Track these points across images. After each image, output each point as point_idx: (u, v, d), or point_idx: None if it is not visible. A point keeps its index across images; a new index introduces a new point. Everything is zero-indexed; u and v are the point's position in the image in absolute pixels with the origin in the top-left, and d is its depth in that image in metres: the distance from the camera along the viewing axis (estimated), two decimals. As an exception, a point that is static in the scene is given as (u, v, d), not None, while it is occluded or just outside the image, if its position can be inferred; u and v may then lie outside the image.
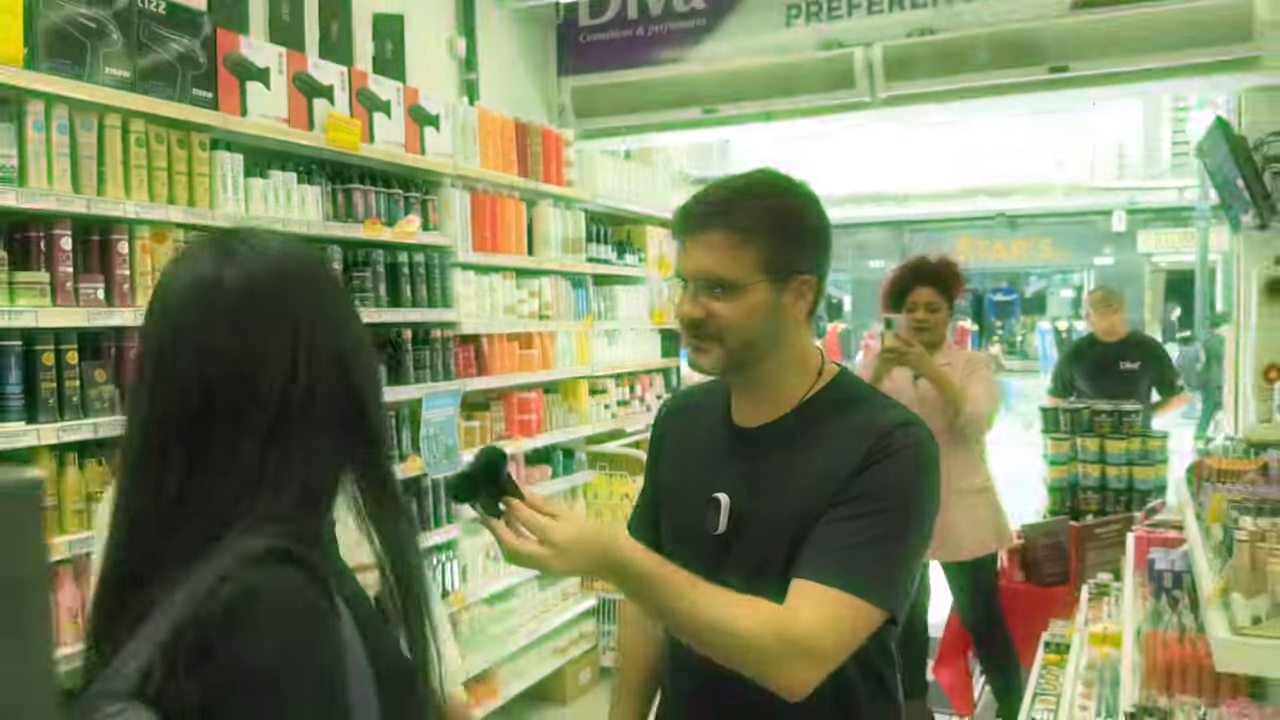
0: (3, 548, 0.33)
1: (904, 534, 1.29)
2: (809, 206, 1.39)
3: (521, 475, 4.05)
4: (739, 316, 1.33)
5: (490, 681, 3.89)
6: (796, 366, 1.41)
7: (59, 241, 2.38)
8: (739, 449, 1.42)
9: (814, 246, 1.38)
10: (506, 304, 3.94)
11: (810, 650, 1.21)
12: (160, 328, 0.97)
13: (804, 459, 1.35)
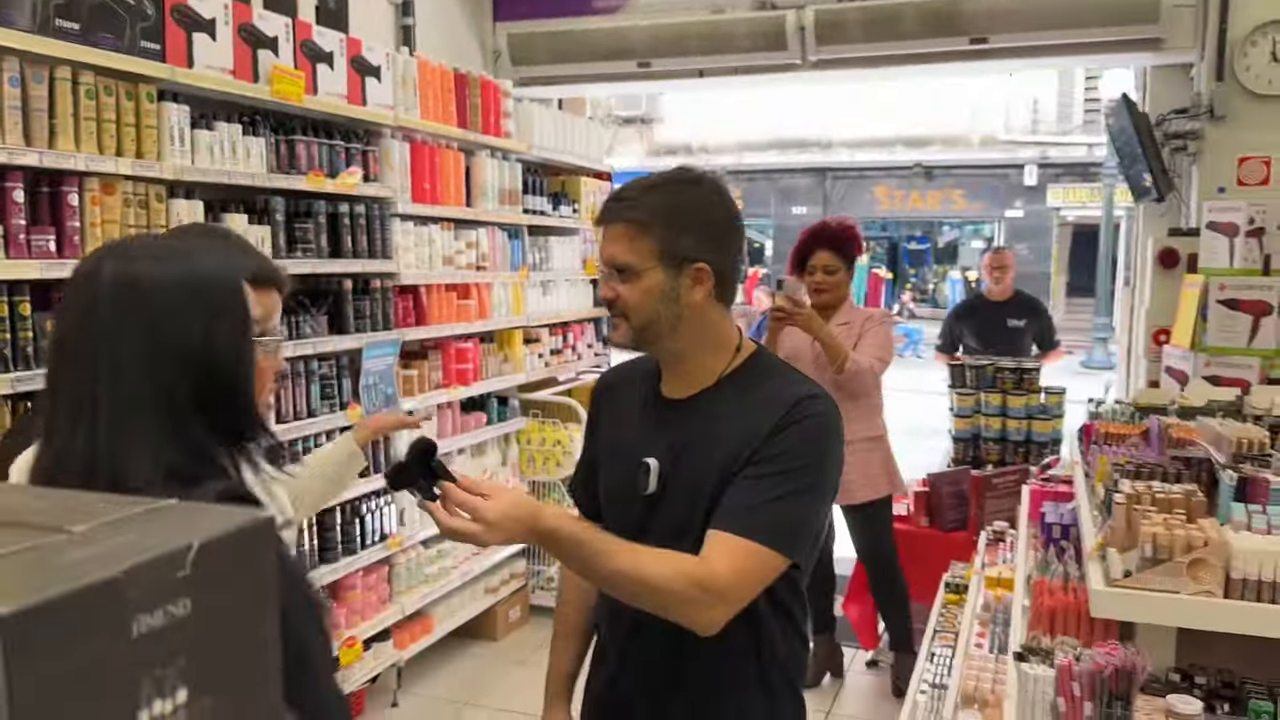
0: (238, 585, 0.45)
1: (806, 491, 1.46)
2: (709, 201, 1.54)
3: (457, 422, 4.18)
4: (638, 298, 1.50)
5: (426, 619, 4.05)
6: (712, 345, 1.56)
7: (11, 194, 2.40)
8: (667, 418, 1.58)
9: (711, 237, 1.51)
10: (445, 255, 4.01)
11: (719, 593, 1.38)
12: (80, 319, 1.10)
13: (723, 426, 1.51)
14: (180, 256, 1.13)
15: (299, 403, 3.30)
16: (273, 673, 0.47)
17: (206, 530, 0.44)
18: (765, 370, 1.58)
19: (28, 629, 0.35)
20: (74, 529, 0.43)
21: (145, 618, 0.40)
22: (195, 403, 1.08)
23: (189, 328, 1.08)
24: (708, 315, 1.54)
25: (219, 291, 1.13)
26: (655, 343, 1.55)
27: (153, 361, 1.07)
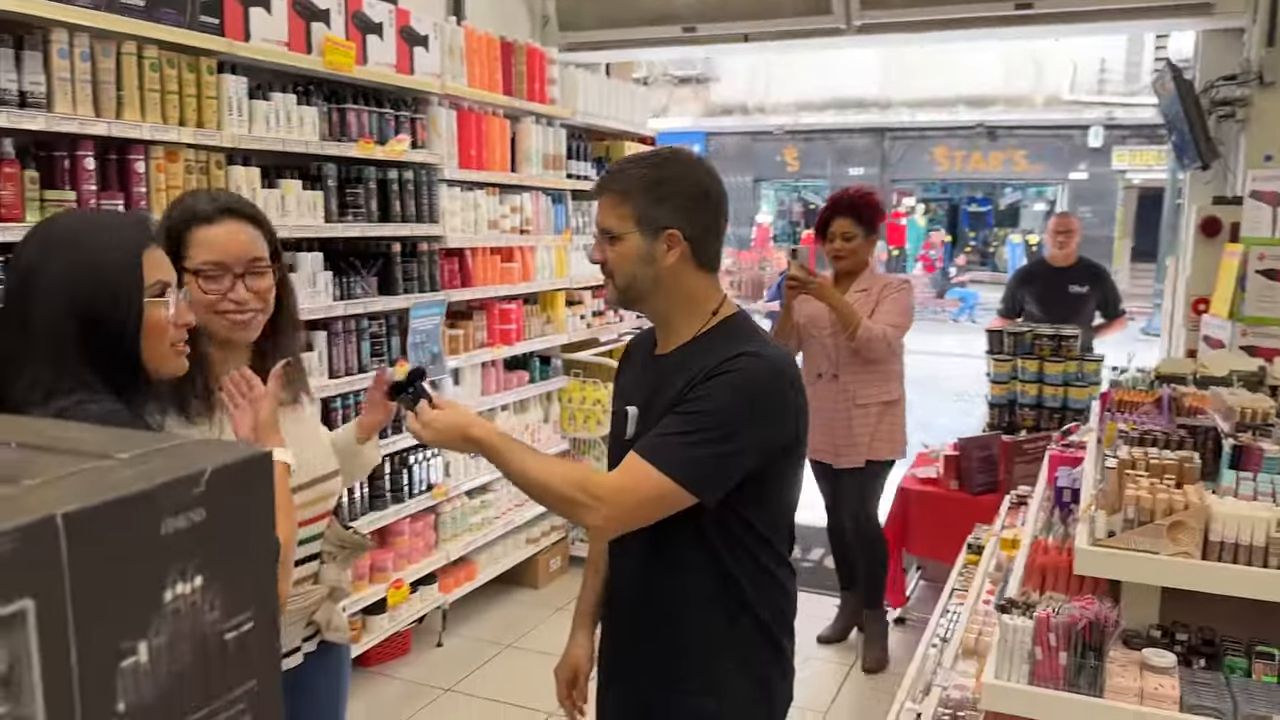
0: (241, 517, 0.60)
1: (713, 432, 1.60)
2: (686, 175, 1.71)
3: (500, 380, 4.35)
4: (619, 260, 1.71)
5: (470, 565, 4.26)
6: (687, 307, 1.74)
7: (82, 162, 2.58)
8: (650, 372, 1.79)
9: (684, 208, 1.69)
10: (490, 219, 4.16)
11: (599, 498, 1.60)
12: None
13: (679, 377, 1.69)
14: (69, 239, 1.43)
15: (350, 359, 3.48)
16: (265, 565, 0.61)
17: (218, 460, 0.58)
18: (732, 332, 1.74)
19: (84, 524, 0.49)
20: (120, 455, 0.58)
21: (171, 521, 0.54)
22: (83, 355, 1.37)
23: (73, 296, 1.37)
24: (683, 279, 1.72)
25: (101, 268, 1.39)
26: (639, 302, 1.75)
27: (47, 322, 1.37)
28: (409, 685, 3.82)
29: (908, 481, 4.51)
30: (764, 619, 1.76)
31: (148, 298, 1.41)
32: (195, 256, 1.69)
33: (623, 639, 1.85)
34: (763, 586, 1.75)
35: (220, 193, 2.00)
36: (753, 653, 1.77)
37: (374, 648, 3.78)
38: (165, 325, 1.44)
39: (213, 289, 1.69)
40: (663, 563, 1.72)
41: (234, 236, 1.72)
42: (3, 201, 2.39)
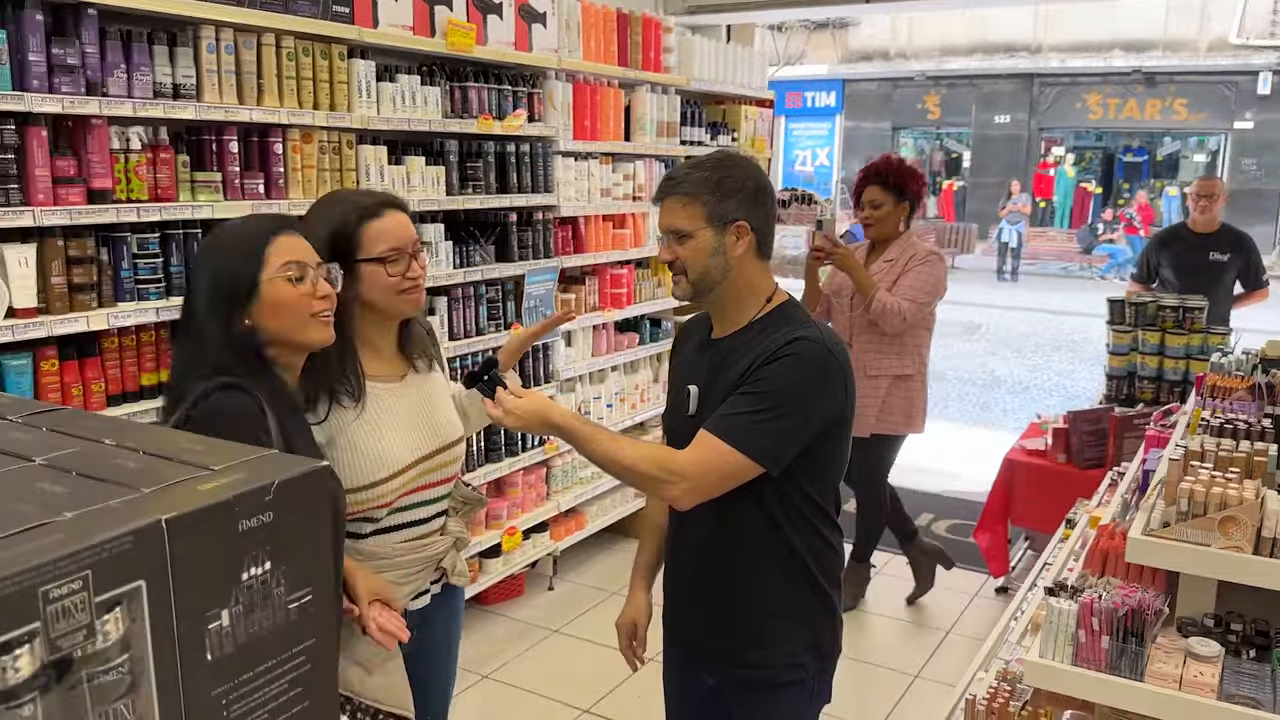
0: (302, 528, 0.78)
1: (774, 410, 1.78)
2: (739, 173, 1.88)
3: (611, 341, 4.55)
4: (693, 255, 1.86)
5: (580, 516, 4.51)
6: (747, 295, 1.91)
7: (228, 145, 2.87)
8: (709, 354, 1.95)
9: (745, 201, 1.85)
10: (602, 187, 4.33)
11: (678, 473, 1.78)
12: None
13: (740, 359, 1.86)
14: (214, 236, 1.77)
15: (469, 323, 3.73)
16: (323, 554, 0.80)
17: (285, 473, 0.76)
18: (785, 318, 1.91)
19: (182, 525, 0.68)
20: (215, 467, 0.77)
21: (246, 521, 0.73)
22: (222, 337, 1.65)
23: (210, 277, 1.68)
24: (746, 268, 1.89)
25: (225, 254, 1.69)
26: (709, 292, 1.90)
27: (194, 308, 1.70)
28: (521, 625, 4.12)
29: (1015, 453, 4.51)
30: (815, 576, 1.94)
31: (272, 275, 1.67)
32: (375, 246, 1.94)
33: (684, 599, 2.04)
34: (815, 546, 1.91)
35: (369, 190, 2.30)
36: (806, 608, 1.95)
37: (490, 588, 4.08)
38: (297, 298, 1.69)
39: (396, 270, 1.96)
40: (724, 527, 1.90)
41: (401, 224, 2.00)
42: (160, 184, 2.69)
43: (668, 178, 1.91)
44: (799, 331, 1.84)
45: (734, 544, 1.91)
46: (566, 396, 4.28)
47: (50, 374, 2.52)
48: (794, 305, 1.96)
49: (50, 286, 2.49)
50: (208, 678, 0.71)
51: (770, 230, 1.92)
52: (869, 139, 21.96)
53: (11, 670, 0.58)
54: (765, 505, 1.87)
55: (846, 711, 3.29)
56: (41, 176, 2.43)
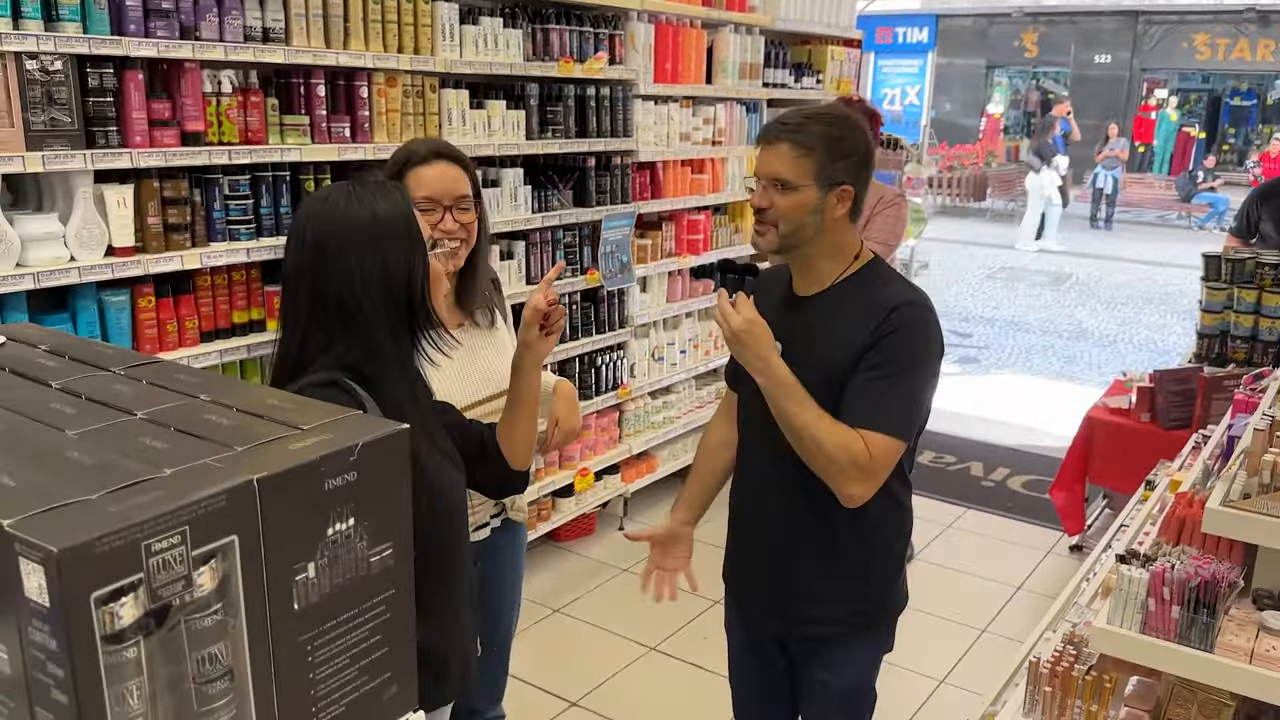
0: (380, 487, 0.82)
1: (915, 387, 1.81)
2: (856, 136, 1.84)
3: (686, 288, 4.55)
4: (791, 209, 1.81)
5: (651, 459, 4.57)
6: (836, 254, 1.89)
7: (315, 89, 2.92)
8: (791, 311, 1.92)
9: (855, 166, 1.82)
10: (681, 132, 4.30)
11: (869, 472, 1.78)
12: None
13: (829, 322, 1.85)
14: (361, 203, 1.49)
15: (545, 267, 3.77)
16: (403, 510, 0.84)
17: (369, 435, 0.80)
18: (874, 277, 1.90)
19: (272, 484, 0.72)
20: (304, 427, 0.81)
21: (332, 480, 0.77)
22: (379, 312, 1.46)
23: (373, 257, 1.46)
24: (839, 230, 1.87)
25: (390, 226, 1.48)
26: (796, 249, 1.87)
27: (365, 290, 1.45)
28: (592, 562, 4.21)
29: (1097, 410, 4.41)
30: (884, 531, 1.96)
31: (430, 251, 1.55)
32: (415, 193, 1.88)
33: (748, 551, 2.07)
34: (884, 502, 1.91)
35: (432, 139, 2.25)
36: (873, 563, 1.97)
37: (563, 526, 4.18)
38: (439, 270, 1.58)
39: (427, 220, 1.92)
40: (791, 482, 1.89)
41: (444, 175, 1.99)
42: (250, 127, 2.76)
43: (781, 121, 1.84)
44: (898, 294, 1.84)
45: (801, 500, 1.92)
46: (640, 342, 4.31)
47: (147, 310, 2.63)
48: (880, 263, 1.94)
49: (146, 226, 2.59)
50: (295, 625, 0.76)
51: (865, 193, 1.88)
52: (962, 77, 21.26)
53: (118, 616, 0.63)
54: None
55: (910, 662, 3.31)
56: (138, 119, 2.52)
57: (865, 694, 2.12)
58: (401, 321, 1.50)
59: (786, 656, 2.11)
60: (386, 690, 0.84)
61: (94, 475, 0.70)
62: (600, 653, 3.56)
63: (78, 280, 2.44)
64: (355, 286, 1.45)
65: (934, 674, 3.50)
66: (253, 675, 0.73)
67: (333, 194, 1.52)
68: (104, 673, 0.63)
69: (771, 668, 2.15)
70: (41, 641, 0.62)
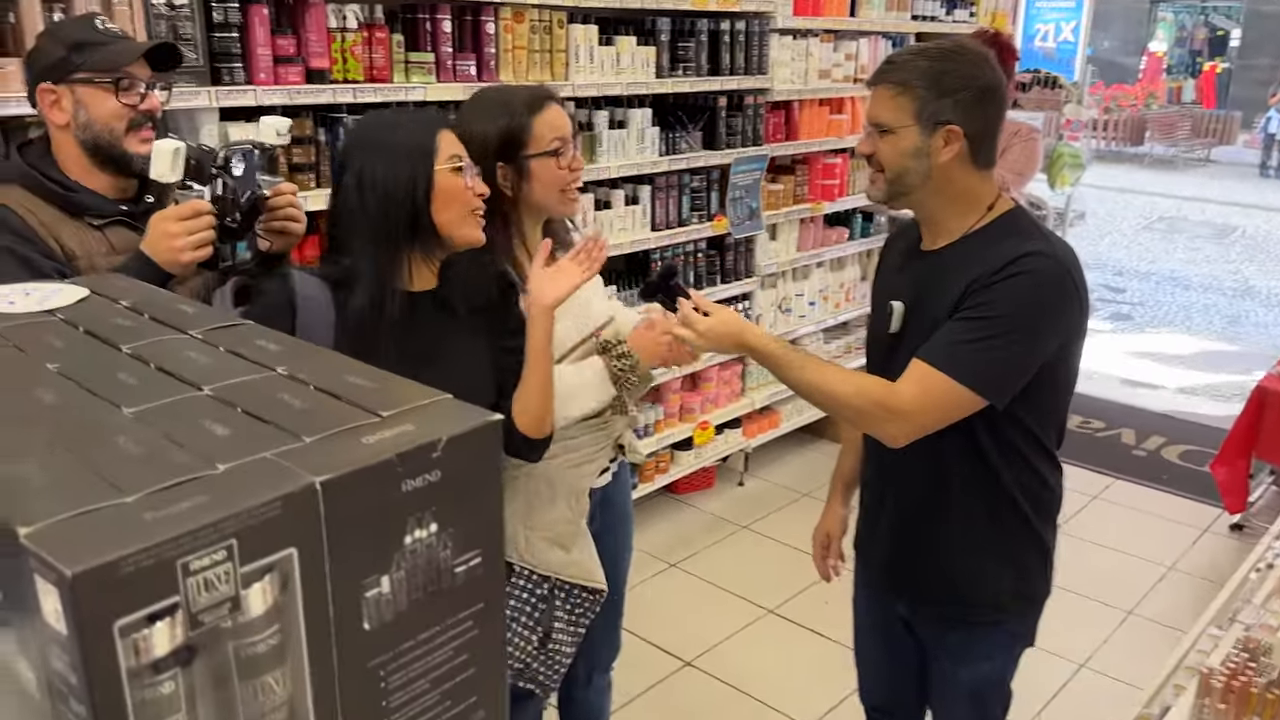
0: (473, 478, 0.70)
1: (1002, 337, 1.58)
2: (966, 70, 1.63)
3: (818, 236, 4.33)
4: (891, 154, 1.65)
5: (774, 414, 4.41)
6: (961, 204, 1.68)
7: (441, 25, 2.82)
8: (916, 267, 1.75)
9: (964, 104, 1.61)
10: (821, 68, 4.05)
11: (899, 411, 1.61)
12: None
13: (955, 276, 1.64)
14: (371, 124, 1.68)
15: (671, 213, 3.62)
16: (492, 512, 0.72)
17: (454, 429, 0.68)
18: (1008, 229, 1.67)
19: (339, 488, 0.61)
20: (383, 413, 0.70)
21: (410, 481, 0.66)
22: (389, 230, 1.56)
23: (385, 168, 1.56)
24: (955, 176, 1.66)
25: (400, 139, 1.58)
26: (906, 195, 1.69)
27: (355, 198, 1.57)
28: (711, 518, 4.11)
29: (1270, 380, 4.02)
30: (1026, 513, 1.77)
31: (442, 166, 1.58)
32: (546, 137, 1.85)
33: (877, 526, 1.91)
34: (1026, 482, 1.74)
35: (522, 85, 2.33)
36: (1012, 548, 1.79)
37: (682, 479, 4.08)
38: (462, 191, 1.60)
39: (563, 163, 1.88)
40: (922, 457, 1.72)
41: (563, 115, 1.92)
42: (375, 64, 2.68)
43: (886, 62, 1.71)
44: (1027, 245, 1.61)
45: (933, 475, 1.75)
46: (767, 293, 4.13)
47: (271, 252, 2.61)
48: (1020, 214, 1.72)
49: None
50: (365, 647, 0.65)
51: (993, 135, 1.68)
52: (1123, 13, 19.83)
53: (149, 646, 0.53)
54: (973, 436, 1.69)
55: (1048, 642, 3.07)
56: (263, 55, 2.46)
57: (997, 689, 1.94)
58: (396, 232, 1.57)
59: (915, 639, 1.96)
60: (472, 716, 0.73)
61: (139, 469, 0.60)
62: (716, 612, 3.47)
63: (201, 220, 2.42)
64: (352, 193, 1.57)
65: (1074, 656, 3.27)
66: (314, 707, 0.63)
67: (378, 115, 1.73)
68: (131, 712, 0.53)
69: (900, 649, 2.00)
70: (63, 672, 0.53)
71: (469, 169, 1.63)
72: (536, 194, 1.89)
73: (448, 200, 1.59)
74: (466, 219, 1.63)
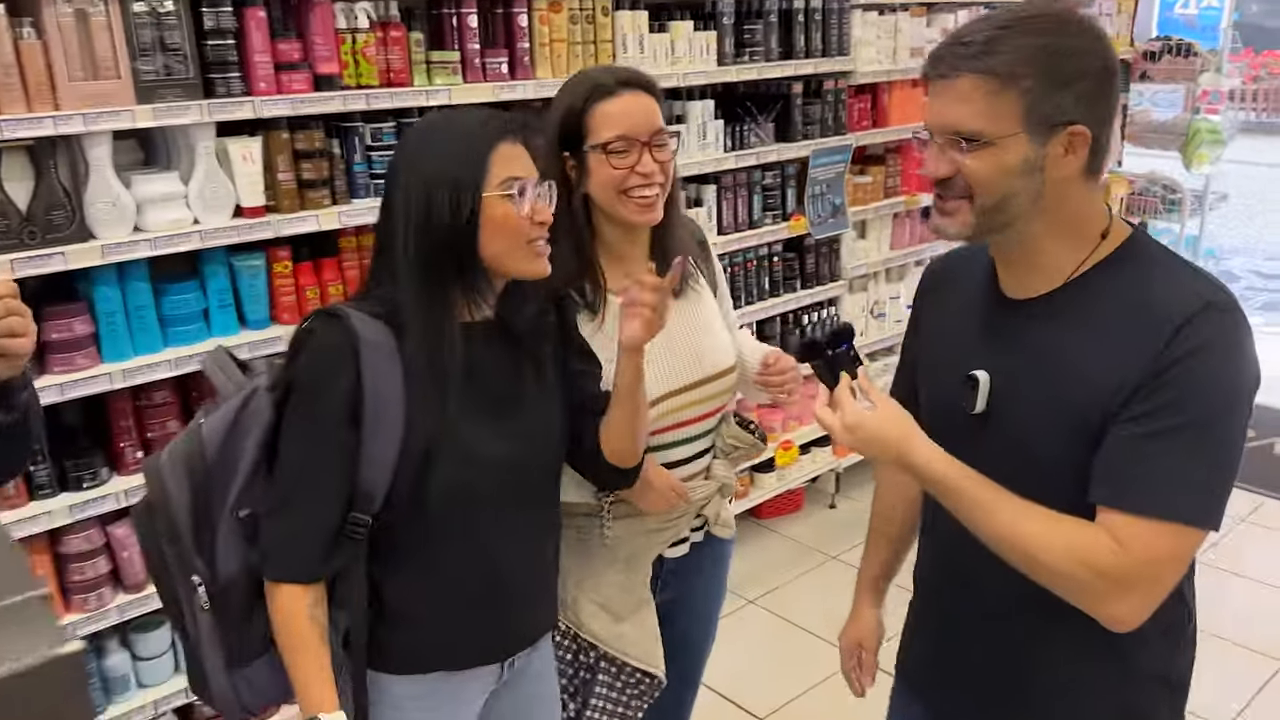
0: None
1: (1222, 444, 1.13)
2: (1091, 45, 1.17)
3: (914, 232, 3.92)
4: (991, 174, 1.16)
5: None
6: (1071, 231, 1.22)
7: (466, 19, 2.56)
8: (1002, 323, 1.28)
9: (1091, 93, 1.16)
10: (912, 46, 3.63)
11: (1126, 582, 1.14)
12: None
13: (1076, 339, 1.19)
14: (420, 129, 1.43)
15: (740, 214, 3.28)
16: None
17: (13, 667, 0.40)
18: (1140, 264, 1.21)
19: None
20: None
21: None
22: (424, 254, 1.35)
23: (422, 187, 1.34)
24: (1070, 194, 1.20)
25: (448, 154, 1.35)
26: (1006, 230, 1.21)
27: (396, 224, 1.36)
28: (796, 546, 3.75)
29: None
30: (1155, 645, 1.28)
31: (492, 192, 1.35)
32: (601, 131, 1.60)
33: (948, 649, 1.45)
34: (1168, 625, 1.27)
35: (612, 66, 2.04)
36: (1135, 690, 1.31)
37: (765, 502, 3.74)
38: (514, 221, 1.36)
39: (621, 164, 1.59)
40: (1042, 613, 1.24)
41: (638, 106, 1.62)
42: (392, 66, 2.44)
43: (956, 40, 1.19)
44: (1197, 294, 1.14)
45: (1022, 577, 1.22)
46: (856, 296, 3.74)
47: (284, 276, 2.41)
48: (1143, 240, 1.26)
49: (278, 183, 2.34)
50: None
51: (1107, 138, 1.20)
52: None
53: None
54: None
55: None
56: (262, 62, 2.25)
57: None
58: (440, 269, 1.36)
59: None
60: None
61: None
62: (798, 658, 3.11)
63: (199, 245, 2.23)
64: (397, 217, 1.37)
65: (1216, 713, 2.80)
66: None
67: (430, 121, 1.47)
68: None
69: None
70: None
71: (529, 191, 1.38)
72: (594, 193, 1.63)
73: (496, 231, 1.37)
74: (521, 251, 1.39)
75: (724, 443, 1.84)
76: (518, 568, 1.48)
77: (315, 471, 1.34)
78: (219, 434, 1.36)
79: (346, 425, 1.33)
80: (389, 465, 1.34)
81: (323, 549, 1.34)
